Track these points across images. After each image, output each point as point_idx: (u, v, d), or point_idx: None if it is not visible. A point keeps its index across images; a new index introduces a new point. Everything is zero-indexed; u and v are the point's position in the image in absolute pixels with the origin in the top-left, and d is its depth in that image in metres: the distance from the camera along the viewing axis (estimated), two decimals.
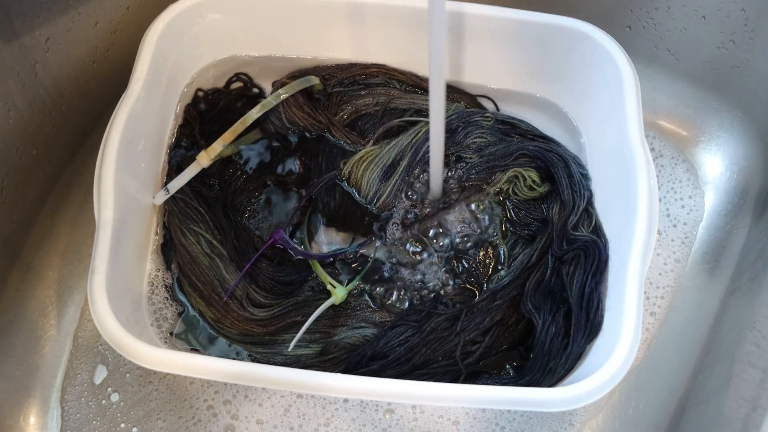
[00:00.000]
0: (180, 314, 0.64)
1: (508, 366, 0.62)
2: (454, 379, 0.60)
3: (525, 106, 0.75)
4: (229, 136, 0.67)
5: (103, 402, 0.63)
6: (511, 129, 0.72)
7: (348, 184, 0.70)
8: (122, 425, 0.63)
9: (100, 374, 0.65)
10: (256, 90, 0.76)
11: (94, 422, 0.63)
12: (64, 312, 0.67)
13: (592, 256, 0.62)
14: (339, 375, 0.53)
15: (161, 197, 0.66)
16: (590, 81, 0.70)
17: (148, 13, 0.69)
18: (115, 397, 0.64)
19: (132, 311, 0.61)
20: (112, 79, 0.70)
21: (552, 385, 0.58)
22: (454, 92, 0.75)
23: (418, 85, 0.75)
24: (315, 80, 0.72)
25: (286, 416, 0.63)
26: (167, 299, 0.64)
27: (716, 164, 0.77)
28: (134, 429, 0.63)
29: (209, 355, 0.62)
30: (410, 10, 0.70)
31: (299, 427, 0.63)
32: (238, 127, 0.67)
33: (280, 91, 0.70)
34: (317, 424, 0.63)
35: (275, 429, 0.63)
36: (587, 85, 0.71)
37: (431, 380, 0.56)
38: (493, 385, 0.54)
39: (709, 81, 0.76)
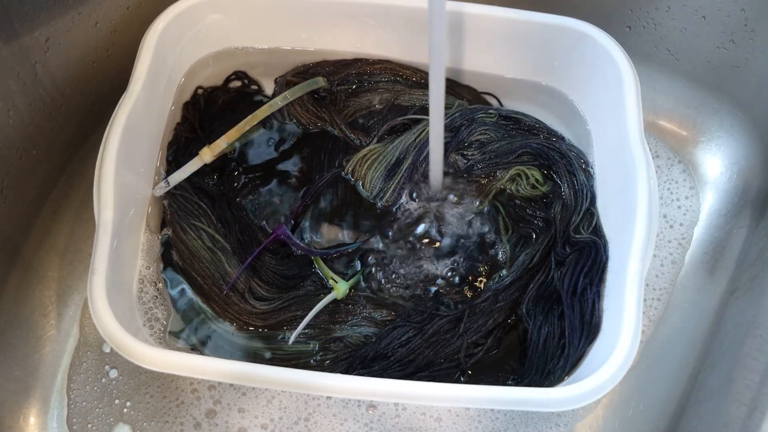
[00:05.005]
0: (174, 304, 0.64)
1: (507, 367, 0.62)
2: (456, 381, 0.60)
3: (530, 102, 0.75)
4: (234, 134, 0.68)
5: (103, 380, 0.64)
6: (515, 124, 0.72)
7: (351, 179, 0.70)
8: (117, 401, 0.63)
9: (107, 348, 0.66)
10: (254, 87, 0.76)
11: (97, 410, 0.63)
12: (64, 312, 0.67)
13: (586, 255, 0.62)
14: (339, 375, 0.53)
15: (161, 189, 0.66)
16: (590, 81, 0.70)
17: (148, 13, 0.69)
18: (113, 374, 0.64)
19: (127, 310, 0.61)
20: (112, 79, 0.70)
21: (552, 386, 0.58)
22: (457, 87, 0.75)
23: (423, 79, 0.75)
24: (322, 82, 0.72)
25: (267, 407, 0.63)
26: (156, 298, 0.64)
27: (716, 164, 0.77)
28: (128, 403, 0.63)
29: (206, 350, 0.62)
30: (412, 10, 0.70)
31: (279, 419, 0.63)
32: (243, 125, 0.68)
33: (287, 93, 0.70)
34: (298, 417, 0.63)
35: (256, 419, 0.63)
36: (588, 84, 0.71)
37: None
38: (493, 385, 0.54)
39: (709, 81, 0.76)
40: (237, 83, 0.76)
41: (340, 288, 0.63)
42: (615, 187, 0.65)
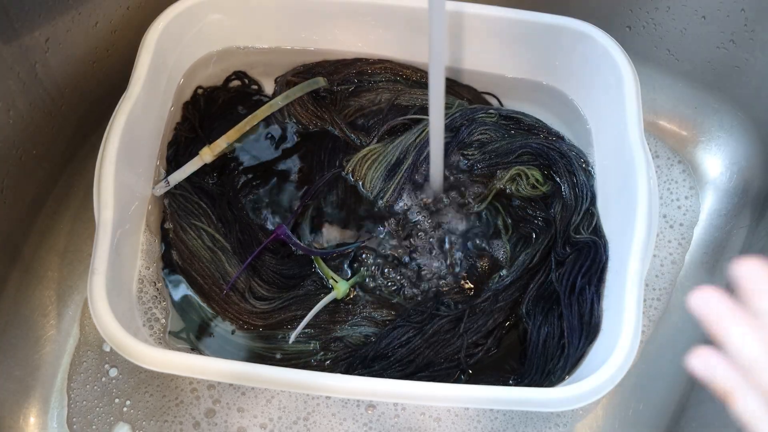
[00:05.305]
0: (173, 304, 0.64)
1: (507, 367, 0.62)
2: (456, 381, 0.60)
3: (530, 102, 0.75)
4: (233, 134, 0.68)
5: (103, 380, 0.64)
6: (516, 124, 0.72)
7: (351, 179, 0.70)
8: (117, 400, 0.63)
9: (107, 347, 0.66)
10: (254, 87, 0.76)
11: (97, 409, 0.63)
12: (64, 312, 0.67)
13: (585, 254, 0.62)
14: (339, 375, 0.53)
15: (161, 188, 0.66)
16: (590, 81, 0.70)
17: (148, 13, 0.69)
18: (113, 372, 0.64)
19: (127, 310, 0.61)
20: (112, 79, 0.70)
21: (552, 386, 0.58)
22: (457, 87, 0.75)
23: (423, 79, 0.75)
24: (322, 82, 0.72)
25: (267, 407, 0.63)
26: (156, 298, 0.64)
27: (716, 164, 0.77)
28: (128, 402, 0.63)
29: (206, 350, 0.62)
30: (412, 10, 0.70)
31: (278, 419, 0.63)
32: (243, 125, 0.68)
33: (287, 93, 0.70)
34: (297, 417, 0.63)
35: (255, 419, 0.63)
36: (588, 84, 0.71)
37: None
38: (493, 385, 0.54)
39: (709, 81, 0.76)
40: (237, 83, 0.76)
41: (340, 288, 0.63)
42: (615, 187, 0.65)
